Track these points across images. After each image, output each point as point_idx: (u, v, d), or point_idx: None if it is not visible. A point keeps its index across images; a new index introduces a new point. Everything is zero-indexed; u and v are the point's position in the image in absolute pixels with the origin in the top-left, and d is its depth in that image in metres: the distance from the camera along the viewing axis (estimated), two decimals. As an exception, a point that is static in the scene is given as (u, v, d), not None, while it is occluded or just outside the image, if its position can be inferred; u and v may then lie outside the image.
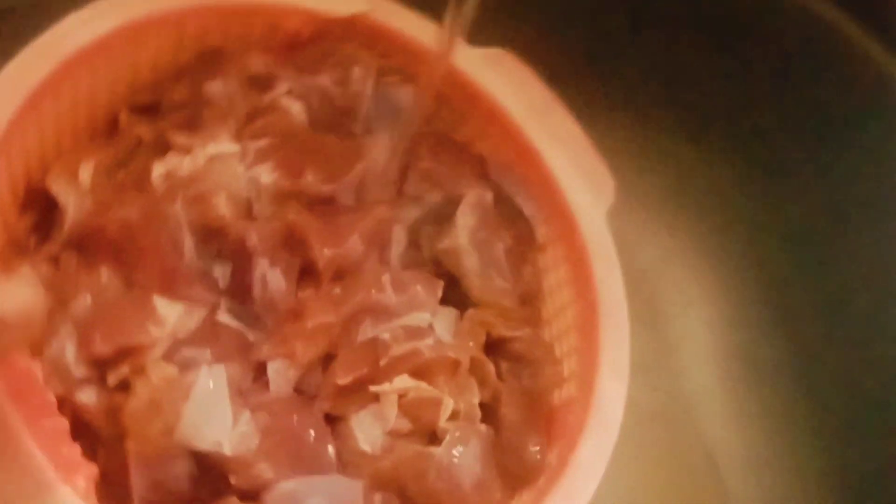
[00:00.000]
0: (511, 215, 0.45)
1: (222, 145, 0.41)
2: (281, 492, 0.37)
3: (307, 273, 0.41)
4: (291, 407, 0.39)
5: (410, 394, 0.39)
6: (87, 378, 0.38)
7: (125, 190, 0.41)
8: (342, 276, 0.40)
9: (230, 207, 0.40)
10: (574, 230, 0.44)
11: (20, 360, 0.36)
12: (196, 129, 0.42)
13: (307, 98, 0.44)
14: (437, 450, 0.39)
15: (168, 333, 0.38)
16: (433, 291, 0.41)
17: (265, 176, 0.41)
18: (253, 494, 0.37)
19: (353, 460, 0.39)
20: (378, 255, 0.42)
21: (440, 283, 0.42)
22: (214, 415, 0.37)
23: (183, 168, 0.41)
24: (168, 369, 0.38)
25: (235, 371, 0.39)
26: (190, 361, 0.39)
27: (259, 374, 0.40)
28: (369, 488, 0.39)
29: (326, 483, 0.38)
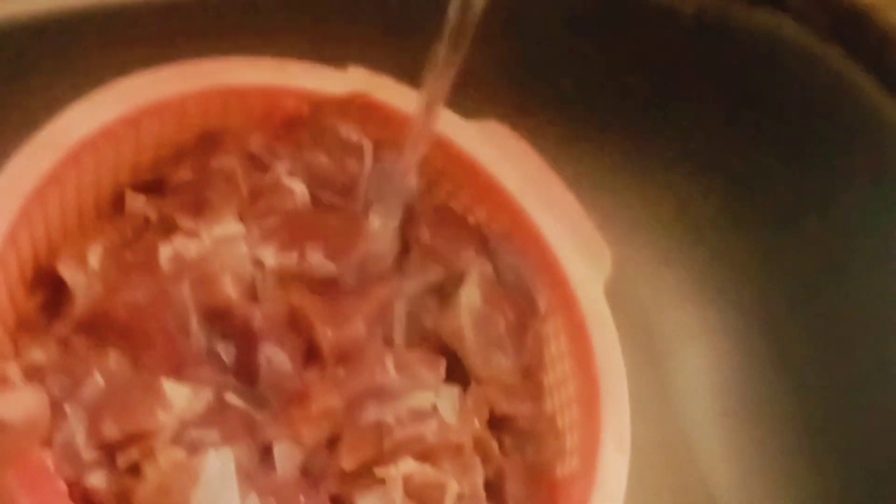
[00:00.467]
0: (512, 286, 0.46)
1: (228, 226, 0.42)
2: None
3: (312, 354, 0.41)
4: (298, 489, 0.39)
5: (415, 477, 0.39)
6: (97, 462, 0.38)
7: (132, 271, 0.41)
8: (346, 356, 0.41)
9: (236, 289, 0.41)
10: (572, 302, 0.45)
11: (31, 450, 0.37)
12: (201, 210, 0.42)
13: (307, 177, 0.45)
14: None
15: (176, 417, 0.39)
16: (436, 370, 0.42)
17: (269, 258, 0.42)
18: (262, 577, 0.38)
19: (362, 543, 0.40)
20: (380, 332, 0.43)
21: (442, 362, 0.43)
22: (222, 499, 0.38)
23: (190, 251, 0.41)
24: (176, 453, 0.39)
25: (243, 453, 0.39)
26: (198, 443, 0.39)
27: (265, 455, 0.40)
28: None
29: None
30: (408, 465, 0.39)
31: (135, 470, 0.39)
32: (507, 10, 0.42)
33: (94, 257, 0.41)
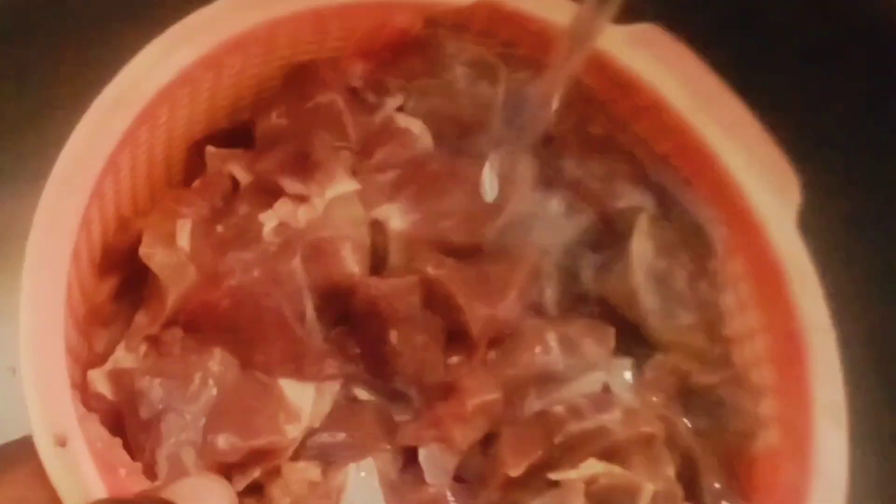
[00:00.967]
0: (682, 226, 0.38)
1: (341, 184, 0.34)
2: None
3: (454, 336, 0.34)
4: (453, 502, 0.33)
5: (601, 480, 0.32)
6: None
7: (230, 249, 0.34)
8: (499, 339, 0.34)
9: (358, 261, 0.34)
10: (759, 239, 0.37)
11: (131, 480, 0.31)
12: (305, 166, 0.35)
13: (426, 113, 0.37)
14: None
15: (304, 427, 0.32)
16: (605, 343, 0.35)
17: (395, 220, 0.34)
18: None
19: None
20: (530, 303, 0.35)
21: (611, 332, 0.35)
22: (369, 520, 0.32)
23: (298, 218, 0.34)
24: (309, 471, 0.32)
25: (385, 461, 0.33)
26: (329, 452, 0.33)
27: (408, 460, 0.34)
28: None
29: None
30: (591, 467, 0.32)
31: (256, 490, 0.33)
32: None
33: (184, 238, 0.34)
